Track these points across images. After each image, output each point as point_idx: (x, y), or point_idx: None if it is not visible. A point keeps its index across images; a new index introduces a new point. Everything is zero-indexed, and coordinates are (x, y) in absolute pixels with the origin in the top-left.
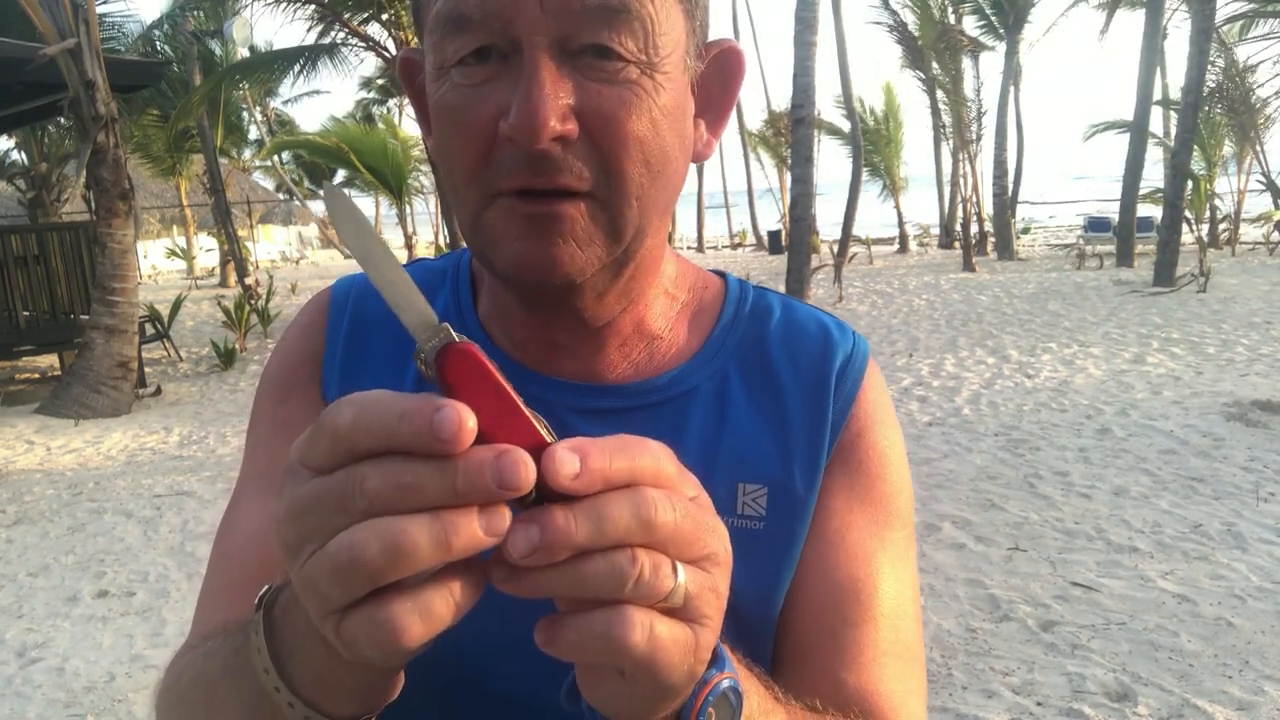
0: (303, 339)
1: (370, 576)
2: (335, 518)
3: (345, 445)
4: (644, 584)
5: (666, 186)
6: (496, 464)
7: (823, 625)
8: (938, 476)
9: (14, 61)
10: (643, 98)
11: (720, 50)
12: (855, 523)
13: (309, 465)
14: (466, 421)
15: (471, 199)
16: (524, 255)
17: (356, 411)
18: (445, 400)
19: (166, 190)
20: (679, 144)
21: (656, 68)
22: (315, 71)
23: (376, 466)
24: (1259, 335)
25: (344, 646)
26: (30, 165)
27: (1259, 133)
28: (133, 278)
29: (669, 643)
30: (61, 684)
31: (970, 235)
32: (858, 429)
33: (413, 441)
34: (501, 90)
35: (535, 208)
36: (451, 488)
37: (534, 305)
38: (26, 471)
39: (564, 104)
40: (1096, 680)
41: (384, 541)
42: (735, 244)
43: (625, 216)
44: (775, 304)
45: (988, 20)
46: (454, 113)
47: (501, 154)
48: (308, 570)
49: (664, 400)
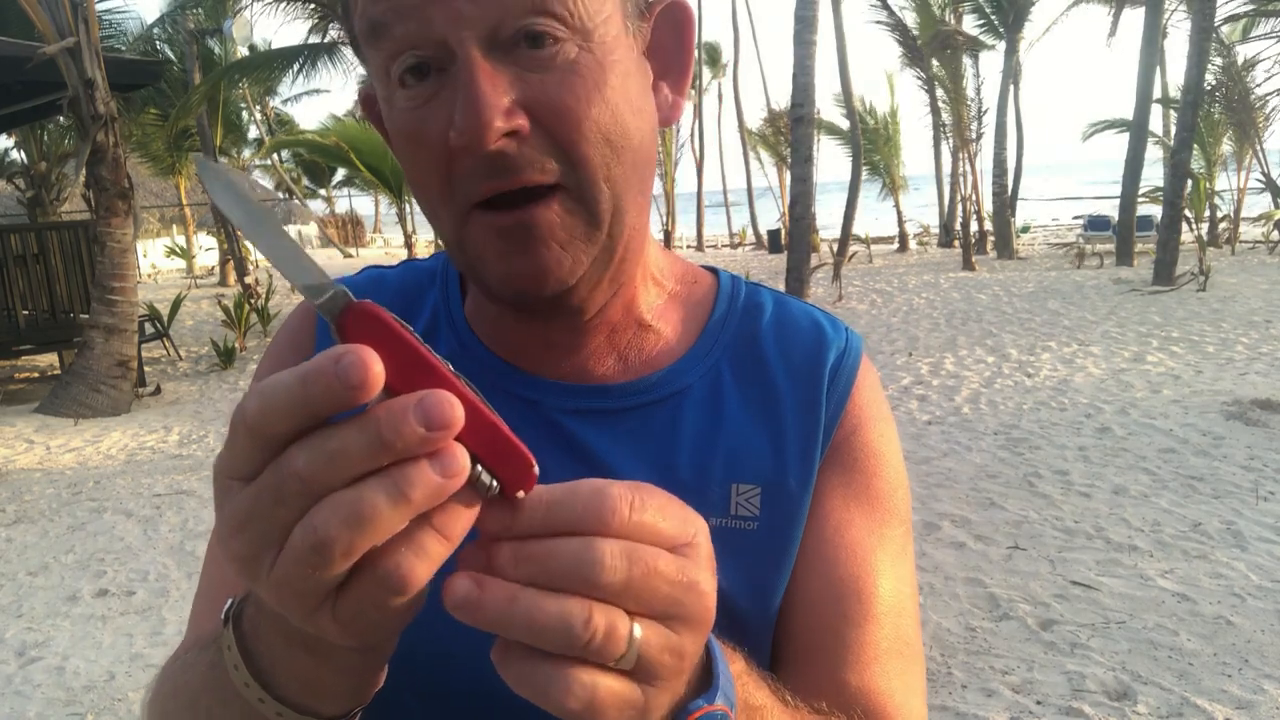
0: (292, 344)
1: (342, 553)
2: (279, 513)
3: (261, 436)
4: (593, 647)
5: (635, 160)
6: (420, 407)
7: (823, 625)
8: (937, 475)
9: (13, 60)
10: (586, 76)
11: (665, 6)
12: (852, 521)
13: (236, 476)
14: (372, 363)
15: (447, 219)
16: (512, 272)
17: (259, 398)
18: (343, 347)
19: (166, 189)
20: (636, 115)
21: (591, 36)
22: (315, 70)
23: (299, 446)
24: (1259, 334)
25: (344, 630)
26: (29, 164)
27: (1258, 131)
28: (132, 277)
29: (610, 706)
30: (61, 683)
31: (970, 234)
32: (852, 426)
33: (324, 399)
34: (446, 103)
35: (508, 219)
36: (378, 440)
37: (530, 312)
38: (26, 470)
39: (506, 99)
40: (1096, 679)
41: (342, 514)
42: (735, 243)
43: (599, 201)
44: (768, 300)
45: (987, 19)
46: (408, 136)
47: (460, 167)
48: (276, 575)
49: (657, 400)
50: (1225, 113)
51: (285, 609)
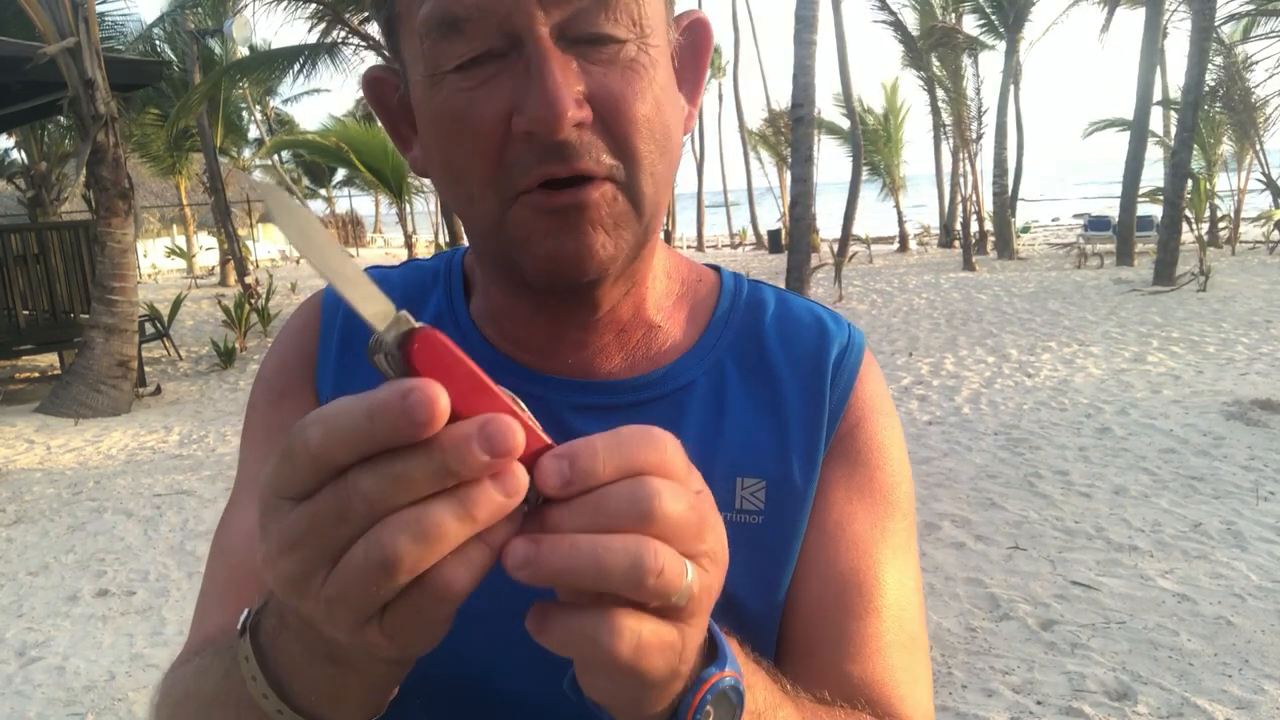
0: (295, 343)
1: (409, 569)
2: (337, 532)
3: (323, 464)
4: (658, 584)
5: (671, 161)
6: (482, 433)
7: (826, 618)
8: (938, 475)
9: (13, 60)
10: (643, 75)
11: (690, 21)
12: (855, 515)
13: (287, 495)
14: (439, 398)
15: (489, 203)
16: (556, 251)
17: (323, 427)
18: (410, 381)
19: (166, 189)
20: (676, 117)
21: (649, 41)
22: (315, 70)
23: (365, 469)
24: (1259, 334)
25: (390, 642)
26: (30, 164)
27: (1259, 131)
28: (132, 277)
29: (655, 648)
30: (62, 683)
31: (970, 234)
32: (855, 420)
33: (390, 434)
34: (504, 87)
35: (562, 198)
36: (443, 466)
37: (553, 300)
38: (26, 470)
39: (577, 90)
40: (1096, 679)
41: (412, 531)
42: (735, 243)
43: (645, 194)
44: (770, 297)
45: (988, 19)
46: (458, 118)
47: (516, 152)
48: (330, 591)
49: (661, 395)
50: (1225, 113)
51: (334, 624)
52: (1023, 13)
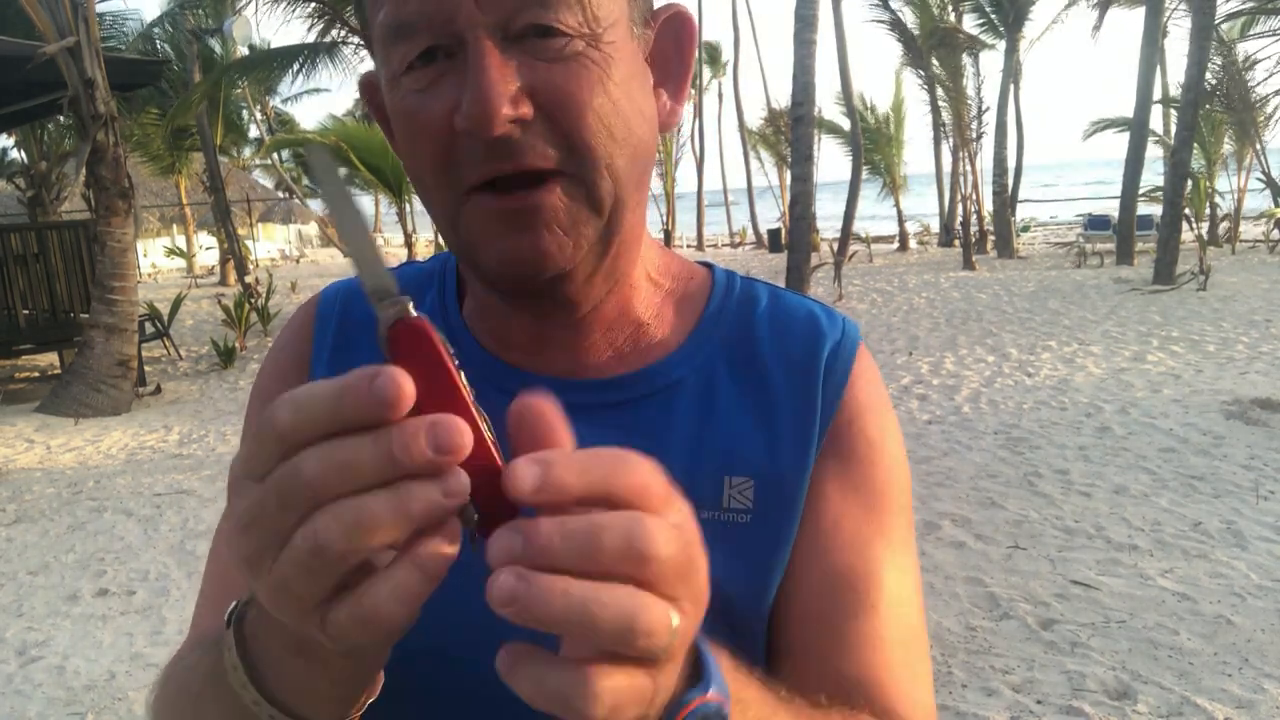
0: (291, 345)
1: (339, 558)
2: (283, 516)
3: (288, 444)
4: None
5: (635, 157)
6: (432, 429)
7: (821, 617)
8: (937, 474)
9: (13, 60)
10: (592, 69)
11: (668, 15)
12: (850, 512)
13: (254, 475)
14: (405, 386)
15: (443, 201)
16: (510, 251)
17: (292, 406)
18: (381, 367)
19: (166, 189)
20: (637, 112)
21: (600, 39)
22: (315, 70)
23: (310, 451)
24: (1259, 333)
25: (332, 640)
26: (30, 164)
27: (1259, 131)
28: (132, 276)
29: (629, 700)
30: (62, 682)
31: (970, 233)
32: (849, 417)
33: (354, 414)
34: (451, 87)
35: (509, 203)
36: (388, 455)
37: (523, 300)
38: (26, 470)
39: (513, 87)
40: (1096, 678)
41: (343, 521)
42: (735, 242)
43: (600, 187)
44: (762, 293)
45: (987, 18)
46: (410, 118)
47: (462, 149)
48: (275, 575)
49: (650, 393)
50: (1225, 112)
51: (279, 610)
52: (1023, 12)
